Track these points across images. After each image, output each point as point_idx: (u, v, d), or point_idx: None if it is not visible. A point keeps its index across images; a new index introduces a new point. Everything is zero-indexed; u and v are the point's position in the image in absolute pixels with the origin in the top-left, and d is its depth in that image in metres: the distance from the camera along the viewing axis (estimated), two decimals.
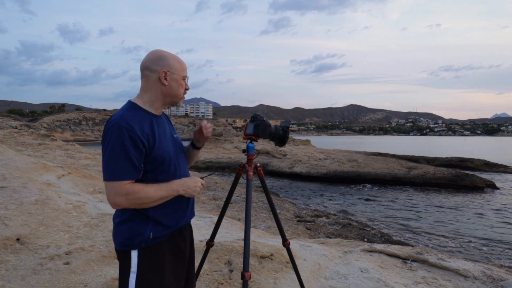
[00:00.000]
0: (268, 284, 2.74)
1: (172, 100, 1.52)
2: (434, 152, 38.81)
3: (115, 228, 1.45)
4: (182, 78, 1.51)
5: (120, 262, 1.43)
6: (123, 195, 1.31)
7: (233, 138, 33.73)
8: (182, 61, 1.53)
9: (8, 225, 3.32)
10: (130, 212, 1.40)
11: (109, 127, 1.34)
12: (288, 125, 2.10)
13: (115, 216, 1.46)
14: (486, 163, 24.45)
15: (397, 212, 12.11)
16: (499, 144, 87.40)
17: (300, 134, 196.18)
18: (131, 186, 1.33)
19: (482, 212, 12.08)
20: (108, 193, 1.33)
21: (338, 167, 19.41)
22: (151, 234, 1.40)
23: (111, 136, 1.32)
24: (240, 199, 10.84)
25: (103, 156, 1.34)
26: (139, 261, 1.38)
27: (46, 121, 77.20)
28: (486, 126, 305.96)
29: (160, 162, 1.42)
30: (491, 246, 8.60)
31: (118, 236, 1.41)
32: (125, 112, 1.39)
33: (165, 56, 1.48)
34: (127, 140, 1.31)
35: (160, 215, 1.43)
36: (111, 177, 1.31)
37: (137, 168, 1.35)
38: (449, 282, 3.21)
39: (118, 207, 1.36)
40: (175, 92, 1.50)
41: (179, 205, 1.51)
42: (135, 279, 1.36)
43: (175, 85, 1.49)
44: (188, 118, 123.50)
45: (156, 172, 1.42)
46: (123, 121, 1.33)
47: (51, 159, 14.63)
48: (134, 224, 1.39)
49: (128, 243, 1.38)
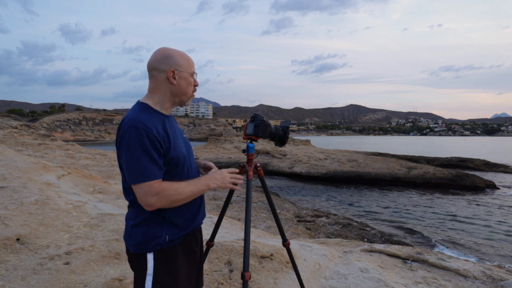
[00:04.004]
0: (268, 284, 2.74)
1: (180, 99, 1.50)
2: (434, 152, 38.80)
3: (129, 230, 1.42)
4: (190, 75, 1.49)
5: (135, 265, 1.42)
6: (155, 195, 1.30)
7: (233, 138, 33.74)
8: (189, 57, 1.50)
9: (8, 225, 3.32)
10: (146, 214, 1.38)
11: (126, 129, 1.31)
12: (288, 125, 2.10)
13: (129, 218, 1.44)
14: (486, 163, 24.47)
15: (397, 212, 12.11)
16: (499, 144, 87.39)
17: (300, 134, 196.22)
18: (160, 184, 1.32)
19: (482, 212, 12.08)
20: (139, 195, 1.31)
21: (338, 167, 19.41)
22: (167, 237, 1.39)
23: (130, 138, 1.30)
24: (240, 199, 10.84)
25: (126, 160, 1.32)
26: (155, 264, 1.37)
27: (46, 121, 77.23)
28: (486, 126, 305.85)
29: (175, 163, 1.41)
30: (491, 246, 8.60)
31: (133, 239, 1.39)
32: (138, 114, 1.36)
33: (172, 55, 1.45)
34: (146, 140, 1.29)
35: (176, 216, 1.42)
36: (139, 179, 1.29)
37: (160, 167, 1.34)
38: (449, 282, 3.21)
39: (152, 208, 1.33)
40: (184, 90, 1.48)
41: (193, 206, 1.50)
42: (151, 281, 1.35)
43: (184, 84, 1.47)
44: (188, 118, 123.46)
45: (171, 174, 1.41)
46: (140, 123, 1.31)
47: (51, 159, 14.63)
48: (149, 227, 1.38)
49: (143, 246, 1.37)
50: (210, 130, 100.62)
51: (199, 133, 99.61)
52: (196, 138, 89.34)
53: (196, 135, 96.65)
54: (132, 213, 1.43)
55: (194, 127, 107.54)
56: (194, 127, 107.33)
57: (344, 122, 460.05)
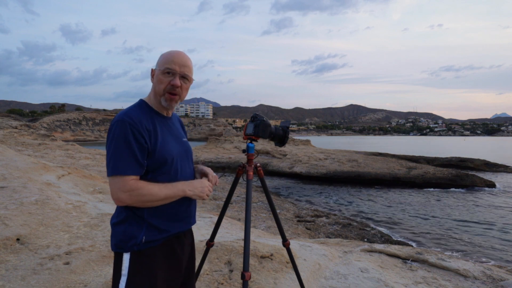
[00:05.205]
0: (268, 284, 2.74)
1: (157, 98, 1.46)
2: (434, 152, 38.81)
3: (111, 229, 1.42)
4: (161, 72, 1.42)
5: (114, 264, 1.41)
6: (127, 191, 1.29)
7: (233, 138, 33.73)
8: (172, 54, 1.45)
9: (8, 225, 3.32)
10: (126, 213, 1.37)
11: (113, 123, 1.34)
12: (288, 125, 2.10)
13: (113, 217, 1.44)
14: (486, 163, 24.46)
15: (397, 212, 12.11)
16: (499, 144, 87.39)
17: (300, 134, 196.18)
18: (136, 182, 1.31)
19: (482, 212, 12.08)
20: (112, 188, 1.31)
21: (338, 167, 19.41)
22: (144, 238, 1.36)
23: (115, 131, 1.31)
24: (240, 199, 10.84)
25: (107, 152, 1.33)
26: (130, 264, 1.34)
27: (46, 121, 77.19)
28: (486, 126, 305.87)
29: (161, 163, 1.39)
30: (491, 246, 8.60)
31: (113, 238, 1.39)
32: (130, 109, 1.40)
33: (162, 54, 1.48)
34: (130, 135, 1.30)
35: (155, 218, 1.38)
36: (115, 171, 1.29)
37: (140, 164, 1.33)
38: (449, 282, 3.21)
39: (121, 204, 1.33)
40: (155, 88, 1.46)
41: (177, 210, 1.45)
42: (125, 282, 1.33)
43: (155, 82, 1.46)
44: (188, 118, 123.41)
45: (157, 173, 1.39)
46: (127, 117, 1.33)
47: (51, 159, 14.63)
48: (128, 226, 1.36)
49: (122, 245, 1.36)
50: (210, 130, 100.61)
51: (199, 133, 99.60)
52: (196, 138, 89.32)
53: (196, 135, 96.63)
54: (115, 211, 1.43)
55: (194, 127, 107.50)
56: (194, 127, 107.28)
57: (344, 122, 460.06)
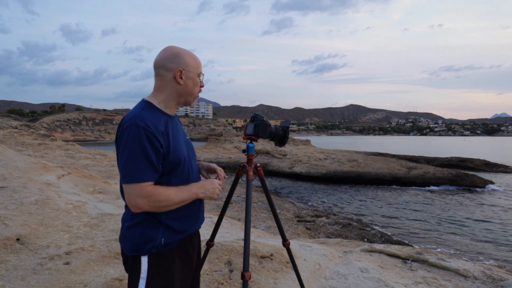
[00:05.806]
0: (268, 284, 2.74)
1: (186, 99, 1.47)
2: (434, 152, 38.81)
3: (124, 231, 1.39)
4: (197, 76, 1.46)
5: (130, 267, 1.39)
6: (145, 197, 1.27)
7: (233, 138, 33.75)
8: (196, 58, 1.48)
9: (8, 225, 3.32)
10: (142, 216, 1.35)
11: (126, 127, 1.29)
12: (288, 125, 2.10)
13: (125, 219, 1.41)
14: (486, 163, 24.46)
15: (397, 212, 12.12)
16: (499, 144, 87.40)
17: (300, 134, 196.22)
18: (153, 188, 1.29)
19: (482, 212, 12.08)
20: (129, 195, 1.28)
21: (338, 167, 19.41)
22: (162, 240, 1.35)
23: (129, 136, 1.27)
24: (240, 199, 10.84)
25: (121, 157, 1.29)
26: (149, 267, 1.34)
27: (46, 121, 77.18)
28: (486, 126, 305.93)
29: (175, 165, 1.37)
30: (491, 246, 8.60)
31: (128, 241, 1.36)
32: (140, 112, 1.34)
33: (180, 54, 1.42)
34: (145, 140, 1.26)
35: (173, 220, 1.38)
36: (132, 179, 1.26)
37: (156, 169, 1.30)
38: (449, 282, 3.21)
39: (139, 210, 1.31)
40: (190, 90, 1.46)
41: (191, 210, 1.46)
42: (144, 285, 1.32)
43: (190, 84, 1.45)
44: (188, 118, 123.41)
45: (171, 175, 1.37)
46: (140, 121, 1.28)
47: (51, 159, 14.63)
48: (145, 229, 1.34)
49: (139, 248, 1.34)
50: (210, 130, 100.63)
51: (199, 133, 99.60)
52: (196, 138, 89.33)
53: (196, 135, 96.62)
54: (128, 214, 1.39)
55: (194, 127, 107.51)
56: (194, 127, 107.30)
57: (344, 122, 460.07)
